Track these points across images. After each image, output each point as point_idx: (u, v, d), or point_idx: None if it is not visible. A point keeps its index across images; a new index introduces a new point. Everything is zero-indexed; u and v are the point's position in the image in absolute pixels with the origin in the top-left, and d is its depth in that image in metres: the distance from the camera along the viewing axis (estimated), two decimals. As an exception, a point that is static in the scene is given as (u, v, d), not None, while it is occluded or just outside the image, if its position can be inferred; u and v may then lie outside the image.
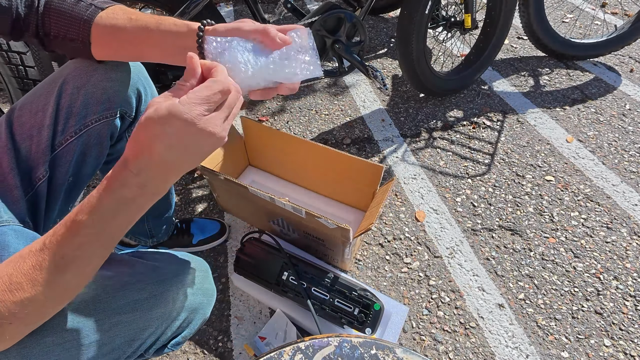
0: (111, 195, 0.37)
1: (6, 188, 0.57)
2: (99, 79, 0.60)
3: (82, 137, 0.61)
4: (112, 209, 0.38)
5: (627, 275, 0.99)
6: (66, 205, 0.67)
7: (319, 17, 1.18)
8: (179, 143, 0.37)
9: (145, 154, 0.37)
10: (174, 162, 0.38)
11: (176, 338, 0.57)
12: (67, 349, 0.44)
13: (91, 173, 0.67)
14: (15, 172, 0.57)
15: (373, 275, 1.02)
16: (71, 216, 0.38)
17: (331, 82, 1.76)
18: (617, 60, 1.80)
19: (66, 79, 0.59)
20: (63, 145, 0.60)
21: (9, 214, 0.55)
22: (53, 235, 0.38)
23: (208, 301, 0.59)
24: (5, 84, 1.21)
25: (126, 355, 0.50)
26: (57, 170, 0.61)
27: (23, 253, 0.38)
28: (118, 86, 0.62)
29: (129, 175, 0.37)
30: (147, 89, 0.68)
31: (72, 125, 0.60)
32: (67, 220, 0.38)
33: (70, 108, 0.59)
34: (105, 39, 0.54)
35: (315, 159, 1.06)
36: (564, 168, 1.29)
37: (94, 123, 0.62)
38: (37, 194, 0.59)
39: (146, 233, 0.92)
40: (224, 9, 2.42)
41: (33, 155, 0.58)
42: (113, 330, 0.47)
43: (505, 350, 0.87)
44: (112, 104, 0.62)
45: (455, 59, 1.85)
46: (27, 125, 0.58)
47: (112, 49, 0.55)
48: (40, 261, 0.37)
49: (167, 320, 0.52)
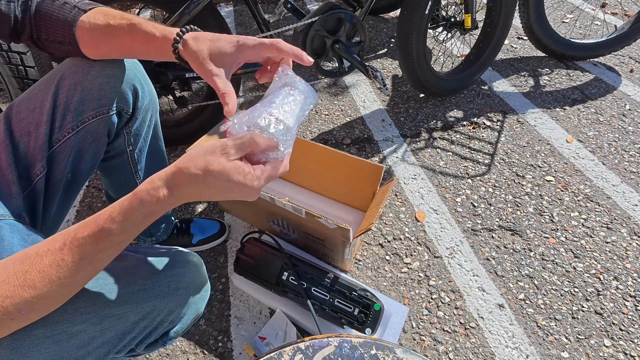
0: (144, 209, 0.40)
1: (4, 183, 0.57)
2: (94, 76, 0.61)
3: (80, 134, 0.62)
4: (141, 220, 0.41)
5: (627, 276, 0.99)
6: (65, 201, 0.67)
7: (319, 17, 1.18)
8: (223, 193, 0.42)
9: (193, 188, 0.41)
10: (210, 198, 0.43)
11: (168, 333, 0.56)
12: (57, 342, 0.45)
13: (90, 170, 0.67)
14: (13, 167, 0.57)
15: (373, 276, 1.02)
16: (99, 222, 0.39)
17: (331, 82, 1.76)
18: (617, 60, 1.80)
19: (63, 75, 0.60)
20: (60, 142, 0.61)
21: (4, 208, 0.55)
22: (75, 235, 0.39)
23: (201, 296, 0.58)
24: (5, 84, 1.21)
25: (117, 349, 0.50)
26: (54, 166, 0.61)
27: (40, 250, 0.39)
28: (114, 82, 0.62)
29: (170, 198, 0.41)
30: (144, 85, 0.68)
31: (69, 121, 0.60)
32: (92, 224, 0.39)
33: (67, 104, 0.60)
34: (89, 39, 0.56)
35: (316, 159, 1.06)
36: (564, 168, 1.29)
37: (91, 119, 0.62)
38: (35, 190, 0.60)
39: (145, 232, 0.92)
40: (224, 9, 2.42)
41: (31, 152, 0.59)
42: (103, 323, 0.47)
43: (505, 350, 0.87)
44: (108, 100, 0.63)
45: (455, 59, 1.85)
46: (25, 121, 0.59)
47: (98, 48, 0.57)
48: (59, 260, 0.38)
49: (158, 314, 0.52)
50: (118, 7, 0.72)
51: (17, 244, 0.51)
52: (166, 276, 0.53)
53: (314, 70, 1.82)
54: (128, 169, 0.77)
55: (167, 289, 0.52)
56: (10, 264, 0.38)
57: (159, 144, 0.81)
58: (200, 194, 0.42)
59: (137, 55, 0.57)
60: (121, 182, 0.80)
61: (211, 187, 0.41)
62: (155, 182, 0.40)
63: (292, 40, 1.24)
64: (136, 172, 0.78)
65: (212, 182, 0.40)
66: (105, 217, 0.39)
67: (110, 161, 0.75)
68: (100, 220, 0.39)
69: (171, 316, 0.54)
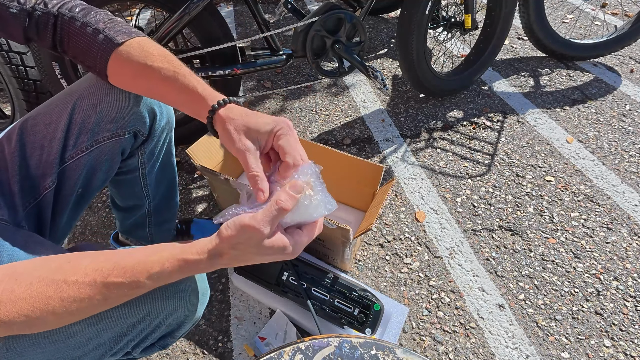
0: (182, 272, 0.41)
1: (8, 192, 0.58)
2: (114, 98, 0.61)
3: (93, 153, 0.62)
4: (173, 279, 0.42)
5: (628, 276, 0.99)
6: (74, 214, 0.68)
7: (319, 17, 1.18)
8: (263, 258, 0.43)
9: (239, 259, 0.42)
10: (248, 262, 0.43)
11: (165, 338, 0.56)
12: (54, 342, 0.44)
13: (100, 185, 0.68)
14: (17, 179, 0.58)
15: (373, 276, 1.02)
16: (135, 273, 0.40)
17: (331, 82, 1.76)
18: (617, 60, 1.80)
19: (82, 95, 0.60)
20: (73, 159, 0.61)
21: (6, 215, 0.56)
22: (107, 278, 0.40)
23: (200, 300, 0.57)
24: (6, 84, 1.21)
25: (113, 351, 0.50)
26: (65, 181, 0.62)
27: (68, 279, 0.39)
28: (133, 106, 0.62)
29: (212, 266, 0.42)
30: (162, 107, 0.68)
31: (83, 140, 0.61)
32: (128, 272, 0.40)
33: (83, 124, 0.60)
34: (119, 73, 0.55)
35: (316, 159, 1.04)
36: (564, 168, 1.29)
37: (106, 140, 0.62)
38: (43, 202, 0.61)
39: (147, 238, 0.92)
40: (224, 9, 2.42)
41: (42, 165, 0.59)
42: (100, 324, 0.47)
43: (505, 350, 0.87)
44: (125, 123, 0.63)
45: (455, 59, 1.85)
46: (40, 135, 0.59)
47: (126, 83, 0.56)
48: (84, 296, 0.39)
49: (156, 317, 0.51)
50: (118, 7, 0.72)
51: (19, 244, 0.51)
52: None
53: (314, 71, 1.82)
54: (138, 183, 0.77)
55: (166, 291, 0.51)
56: (35, 280, 0.39)
57: (171, 159, 0.81)
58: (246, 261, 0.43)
59: (164, 101, 0.55)
60: (129, 194, 0.80)
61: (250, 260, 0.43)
62: (202, 251, 0.41)
63: (292, 40, 1.24)
64: (145, 186, 0.78)
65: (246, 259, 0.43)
66: (142, 270, 0.40)
67: (121, 176, 0.75)
68: (137, 271, 0.40)
69: (169, 319, 0.53)
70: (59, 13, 0.54)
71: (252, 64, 1.21)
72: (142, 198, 0.81)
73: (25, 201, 0.59)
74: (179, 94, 0.51)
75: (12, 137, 0.59)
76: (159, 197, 0.83)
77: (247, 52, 1.21)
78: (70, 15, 0.54)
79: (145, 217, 0.86)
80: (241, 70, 1.19)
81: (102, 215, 1.20)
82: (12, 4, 0.53)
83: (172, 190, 0.86)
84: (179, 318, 0.55)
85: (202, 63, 1.22)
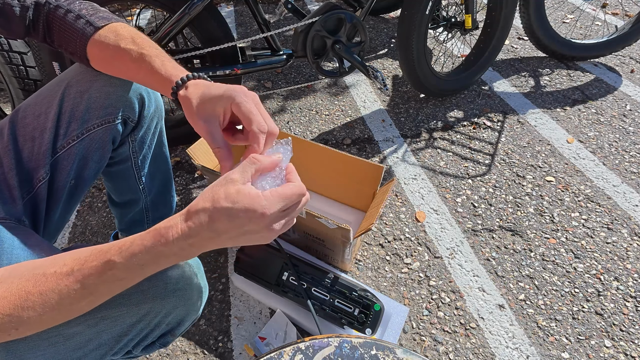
0: (151, 251, 0.37)
1: (5, 188, 0.57)
2: (102, 84, 0.61)
3: (84, 141, 0.62)
4: (147, 260, 0.38)
5: (628, 276, 0.99)
6: (68, 206, 0.67)
7: (320, 17, 1.18)
8: (242, 235, 0.38)
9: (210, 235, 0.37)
10: (224, 244, 0.39)
11: (165, 336, 0.56)
12: (53, 344, 0.44)
13: (93, 176, 0.67)
14: (15, 172, 0.57)
15: (373, 276, 1.02)
16: (108, 253, 0.38)
17: (331, 82, 1.76)
18: (618, 60, 1.80)
19: (70, 82, 0.60)
20: (65, 149, 0.61)
21: (5, 212, 0.56)
22: (83, 264, 0.38)
23: (199, 298, 0.57)
24: (6, 84, 1.21)
25: (113, 351, 0.50)
26: (58, 172, 0.61)
27: (47, 271, 0.38)
28: (121, 91, 0.62)
29: (181, 244, 0.37)
30: (150, 94, 0.68)
31: (74, 129, 0.60)
32: (102, 254, 0.38)
33: (72, 112, 0.60)
34: (98, 57, 0.56)
35: (316, 159, 1.06)
36: (564, 169, 1.29)
37: (96, 127, 0.62)
38: (38, 195, 0.60)
39: None
40: (225, 9, 2.42)
41: (34, 157, 0.59)
42: (100, 325, 0.47)
43: (505, 351, 0.87)
44: (114, 109, 0.63)
45: (455, 59, 1.85)
46: (30, 127, 0.59)
47: (105, 67, 0.57)
48: (62, 287, 0.37)
49: (155, 316, 0.51)
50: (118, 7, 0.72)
51: (17, 246, 0.51)
52: (163, 278, 0.52)
53: (314, 71, 1.82)
54: (131, 175, 0.77)
55: (165, 291, 0.51)
56: (16, 279, 0.38)
57: (163, 150, 0.81)
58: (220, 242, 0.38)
59: (141, 83, 0.56)
60: (124, 187, 0.80)
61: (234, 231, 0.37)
62: (174, 217, 0.38)
63: (293, 40, 1.24)
64: (139, 177, 0.78)
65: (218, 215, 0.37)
66: (115, 248, 0.38)
67: (113, 167, 0.75)
68: (111, 251, 0.38)
69: (168, 318, 0.53)
70: (46, 2, 0.56)
71: (252, 64, 1.21)
72: (137, 191, 0.80)
73: (24, 193, 0.58)
74: (147, 75, 0.52)
75: (3, 131, 0.58)
76: (155, 191, 0.83)
77: (248, 52, 1.21)
78: (56, 4, 0.56)
79: (142, 213, 0.85)
80: (241, 70, 1.19)
81: (103, 215, 1.20)
82: (14, 2, 0.54)
83: (167, 184, 0.86)
84: (178, 316, 0.55)
85: (203, 63, 1.22)
